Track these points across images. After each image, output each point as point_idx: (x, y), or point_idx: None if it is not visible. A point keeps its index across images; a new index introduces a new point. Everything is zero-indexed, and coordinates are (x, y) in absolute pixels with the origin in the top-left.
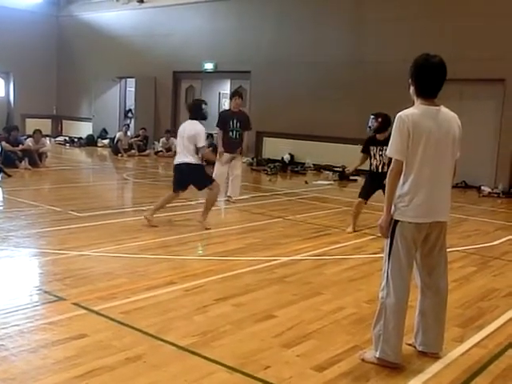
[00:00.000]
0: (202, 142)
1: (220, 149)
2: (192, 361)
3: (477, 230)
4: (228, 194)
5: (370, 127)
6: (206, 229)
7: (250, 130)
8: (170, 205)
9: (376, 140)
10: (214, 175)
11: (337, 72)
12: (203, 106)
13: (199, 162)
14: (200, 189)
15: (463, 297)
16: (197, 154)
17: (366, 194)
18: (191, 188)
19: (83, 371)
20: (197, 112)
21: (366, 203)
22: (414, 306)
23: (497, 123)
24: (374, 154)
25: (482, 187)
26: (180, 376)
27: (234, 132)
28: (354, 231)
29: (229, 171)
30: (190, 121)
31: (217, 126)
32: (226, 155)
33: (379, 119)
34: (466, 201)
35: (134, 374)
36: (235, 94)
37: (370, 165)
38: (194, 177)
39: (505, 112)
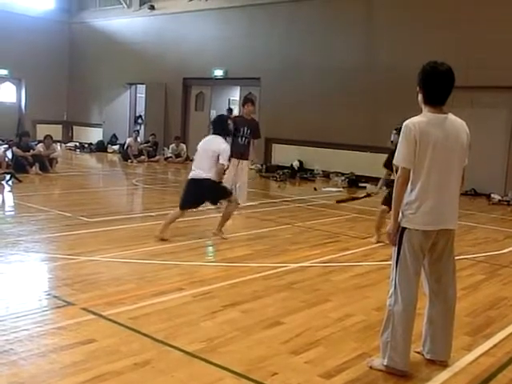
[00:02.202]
0: (225, 161)
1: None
2: (199, 367)
3: (486, 238)
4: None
5: (392, 141)
6: (223, 238)
7: (259, 139)
8: None
9: None
10: None
11: (347, 79)
12: (229, 121)
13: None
14: (215, 203)
15: (472, 305)
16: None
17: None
18: None
19: (91, 376)
20: (221, 128)
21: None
22: (422, 313)
23: (507, 131)
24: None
25: (492, 195)
26: (187, 382)
27: (244, 138)
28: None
29: (235, 178)
30: (213, 135)
31: None
32: (234, 161)
33: None
34: (476, 209)
35: (142, 379)
36: (248, 100)
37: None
38: (211, 192)
39: None
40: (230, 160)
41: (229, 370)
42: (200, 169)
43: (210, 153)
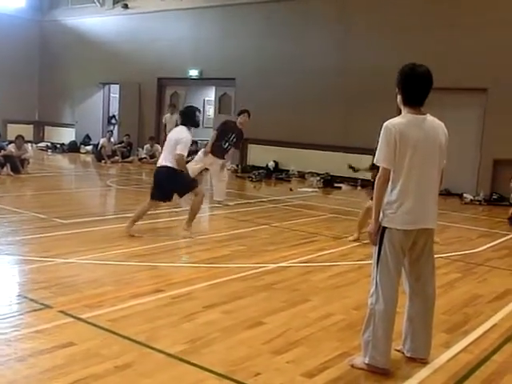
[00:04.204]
0: (182, 151)
1: (208, 149)
2: (181, 368)
3: (460, 237)
4: (216, 199)
5: None
6: (186, 237)
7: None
8: (155, 212)
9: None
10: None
11: (321, 80)
12: (197, 113)
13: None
14: (181, 195)
15: (449, 303)
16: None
17: None
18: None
19: (72, 380)
20: (189, 119)
21: None
22: (402, 312)
23: (479, 132)
24: None
25: (464, 195)
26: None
27: (227, 144)
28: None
29: (212, 176)
30: (180, 126)
31: (216, 129)
32: (215, 159)
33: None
34: (449, 208)
35: (123, 382)
36: (245, 111)
37: None
38: (175, 183)
39: (486, 121)
40: (206, 154)
41: (211, 371)
42: (162, 157)
43: (171, 142)
